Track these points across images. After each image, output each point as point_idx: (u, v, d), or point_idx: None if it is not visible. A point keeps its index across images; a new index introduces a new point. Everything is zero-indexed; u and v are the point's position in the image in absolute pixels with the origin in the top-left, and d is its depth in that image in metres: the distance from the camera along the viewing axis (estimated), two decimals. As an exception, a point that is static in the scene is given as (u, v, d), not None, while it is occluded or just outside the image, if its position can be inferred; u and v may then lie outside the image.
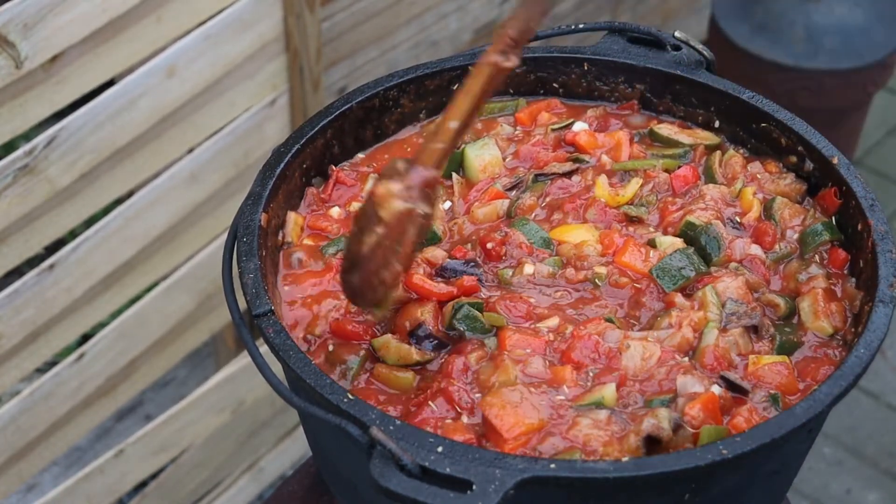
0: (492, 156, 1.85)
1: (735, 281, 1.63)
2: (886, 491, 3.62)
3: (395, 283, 1.57)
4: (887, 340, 3.40)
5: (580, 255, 1.69)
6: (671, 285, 1.64)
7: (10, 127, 2.40)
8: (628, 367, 1.53)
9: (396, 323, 1.62)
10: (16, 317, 2.56)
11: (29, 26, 2.29)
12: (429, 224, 1.58)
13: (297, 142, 1.75)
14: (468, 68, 1.89)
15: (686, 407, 1.47)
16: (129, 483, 3.05)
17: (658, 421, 1.44)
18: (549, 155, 1.85)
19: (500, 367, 1.52)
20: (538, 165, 1.85)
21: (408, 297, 1.63)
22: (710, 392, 1.49)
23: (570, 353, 1.55)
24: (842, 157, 1.72)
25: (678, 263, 1.65)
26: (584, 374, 1.53)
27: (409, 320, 1.60)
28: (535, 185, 1.81)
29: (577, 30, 1.93)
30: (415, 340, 1.58)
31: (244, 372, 3.15)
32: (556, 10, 3.98)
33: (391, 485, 1.30)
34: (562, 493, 1.39)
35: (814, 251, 1.70)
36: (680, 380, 1.50)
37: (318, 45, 2.93)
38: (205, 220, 2.95)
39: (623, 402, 1.50)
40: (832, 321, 1.61)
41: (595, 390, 1.50)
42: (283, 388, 1.44)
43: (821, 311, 1.61)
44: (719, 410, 1.48)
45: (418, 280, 1.63)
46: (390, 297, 1.59)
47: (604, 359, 1.54)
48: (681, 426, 1.45)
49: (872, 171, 4.60)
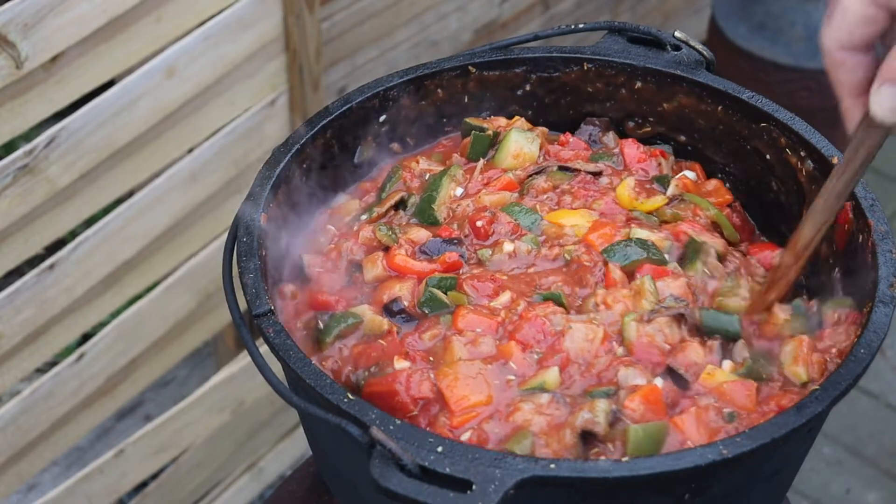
0: (530, 150, 1.86)
1: (677, 281, 1.63)
2: (886, 491, 3.62)
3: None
4: (887, 340, 3.40)
5: (559, 234, 1.71)
6: (618, 261, 1.65)
7: (10, 127, 2.40)
8: (570, 349, 1.54)
9: (375, 298, 1.65)
10: (16, 317, 2.56)
11: (29, 26, 2.29)
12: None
13: (297, 142, 1.75)
14: (468, 68, 1.90)
15: (626, 399, 1.47)
16: (129, 483, 3.06)
17: (593, 415, 1.44)
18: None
19: (448, 348, 1.55)
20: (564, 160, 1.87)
21: (388, 275, 1.67)
22: (653, 384, 1.49)
23: (515, 334, 1.56)
24: (842, 157, 1.72)
25: (632, 248, 1.66)
26: (530, 354, 1.54)
27: (387, 293, 1.64)
28: (556, 174, 1.82)
29: (577, 30, 1.93)
30: (388, 314, 1.62)
31: (244, 372, 3.15)
32: (556, 9, 3.98)
33: (391, 485, 1.30)
34: (562, 493, 1.39)
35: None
36: (622, 372, 1.51)
37: (317, 45, 2.93)
38: (205, 220, 2.96)
39: (565, 387, 1.51)
40: (809, 371, 1.56)
41: (539, 374, 1.52)
42: (283, 388, 1.44)
43: (801, 358, 1.56)
44: (663, 403, 1.48)
45: (400, 260, 1.67)
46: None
47: (549, 339, 1.55)
48: (619, 419, 1.45)
49: (872, 171, 4.60)
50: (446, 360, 1.54)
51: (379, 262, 1.69)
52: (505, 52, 1.91)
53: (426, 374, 1.51)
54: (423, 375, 1.51)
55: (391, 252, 1.69)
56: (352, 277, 1.71)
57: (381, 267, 1.68)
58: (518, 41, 1.92)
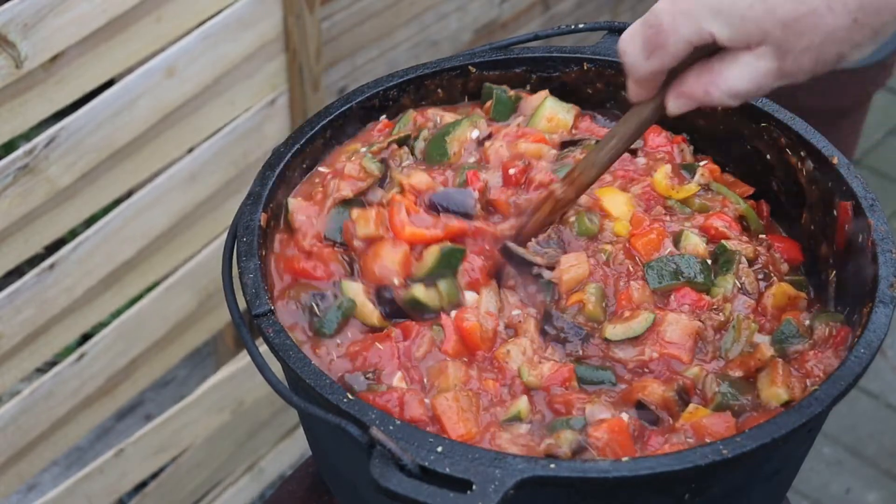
0: (565, 118, 1.84)
1: (691, 324, 1.58)
2: (886, 491, 3.62)
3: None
4: (887, 340, 3.40)
5: (600, 225, 1.68)
6: (652, 281, 1.63)
7: (10, 127, 2.40)
8: (530, 381, 1.53)
9: (366, 267, 1.61)
10: (16, 317, 2.56)
11: (29, 26, 2.29)
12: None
13: (297, 142, 1.75)
14: (468, 68, 1.90)
15: (591, 429, 1.46)
16: (129, 483, 3.06)
17: (557, 443, 1.44)
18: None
19: (443, 374, 1.52)
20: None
21: (380, 235, 1.62)
22: (618, 418, 1.48)
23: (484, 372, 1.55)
24: (842, 157, 1.72)
25: (674, 265, 1.63)
26: (504, 385, 1.54)
27: (377, 265, 1.60)
28: (593, 147, 1.79)
29: (577, 30, 1.93)
30: (379, 301, 1.59)
31: (244, 372, 3.15)
32: (556, 9, 3.98)
33: (391, 485, 1.30)
34: (562, 493, 1.39)
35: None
36: (588, 409, 1.50)
37: (317, 45, 2.93)
38: (205, 220, 2.95)
39: (538, 415, 1.50)
40: (790, 390, 1.53)
41: (513, 404, 1.51)
42: (282, 387, 1.44)
43: (779, 380, 1.53)
44: (629, 437, 1.47)
45: (399, 222, 1.61)
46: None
47: (509, 377, 1.55)
48: (585, 448, 1.44)
49: (872, 171, 4.60)
50: (441, 385, 1.52)
51: (371, 221, 1.63)
52: (505, 52, 1.91)
53: (419, 397, 1.49)
54: (416, 397, 1.49)
55: (392, 206, 1.63)
56: (341, 226, 1.64)
57: (373, 226, 1.63)
58: (518, 41, 1.91)
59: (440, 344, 1.56)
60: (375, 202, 1.68)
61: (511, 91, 1.89)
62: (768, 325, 1.63)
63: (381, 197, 1.68)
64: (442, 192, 1.68)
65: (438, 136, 1.76)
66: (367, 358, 1.55)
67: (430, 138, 1.77)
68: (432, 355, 1.55)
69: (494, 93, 1.86)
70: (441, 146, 1.74)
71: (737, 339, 1.59)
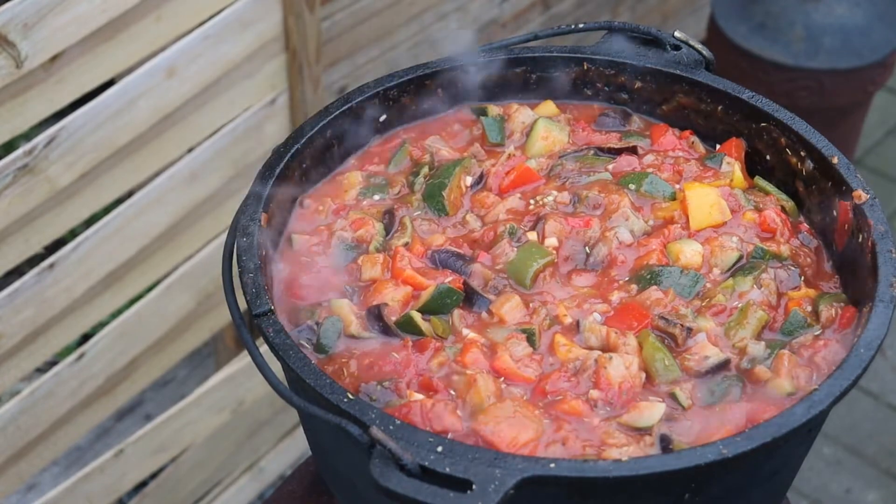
0: (559, 134, 1.87)
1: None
2: (886, 491, 3.62)
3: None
4: (887, 340, 3.40)
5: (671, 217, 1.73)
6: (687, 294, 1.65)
7: (10, 127, 2.40)
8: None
9: (364, 298, 1.63)
10: (16, 316, 2.56)
11: (29, 26, 2.29)
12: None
13: (297, 142, 1.75)
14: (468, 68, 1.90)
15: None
16: (129, 483, 3.06)
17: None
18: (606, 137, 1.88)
19: (473, 388, 1.50)
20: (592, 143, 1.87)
21: (384, 278, 1.65)
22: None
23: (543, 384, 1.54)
24: (842, 156, 1.72)
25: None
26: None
27: (378, 297, 1.61)
28: (592, 158, 1.82)
29: (577, 29, 1.93)
30: (369, 318, 1.60)
31: (244, 372, 3.15)
32: (556, 9, 3.98)
33: (391, 484, 1.30)
34: (562, 493, 1.39)
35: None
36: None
37: (317, 45, 2.93)
38: (205, 219, 2.96)
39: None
40: (795, 381, 1.54)
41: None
42: (282, 387, 1.44)
43: (784, 371, 1.54)
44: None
45: (402, 268, 1.64)
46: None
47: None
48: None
49: (872, 171, 4.60)
50: (474, 402, 1.49)
51: (378, 265, 1.66)
52: (505, 52, 1.91)
53: (449, 407, 1.47)
54: (447, 408, 1.47)
55: (395, 254, 1.66)
56: (346, 266, 1.68)
57: (379, 270, 1.66)
58: (518, 41, 1.92)
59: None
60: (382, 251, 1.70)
61: (496, 110, 1.90)
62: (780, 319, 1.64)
63: (387, 245, 1.71)
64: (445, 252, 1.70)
65: (435, 188, 1.78)
66: (383, 368, 1.54)
67: (425, 186, 1.79)
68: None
69: (482, 121, 1.88)
70: (439, 201, 1.76)
71: (741, 322, 1.60)
